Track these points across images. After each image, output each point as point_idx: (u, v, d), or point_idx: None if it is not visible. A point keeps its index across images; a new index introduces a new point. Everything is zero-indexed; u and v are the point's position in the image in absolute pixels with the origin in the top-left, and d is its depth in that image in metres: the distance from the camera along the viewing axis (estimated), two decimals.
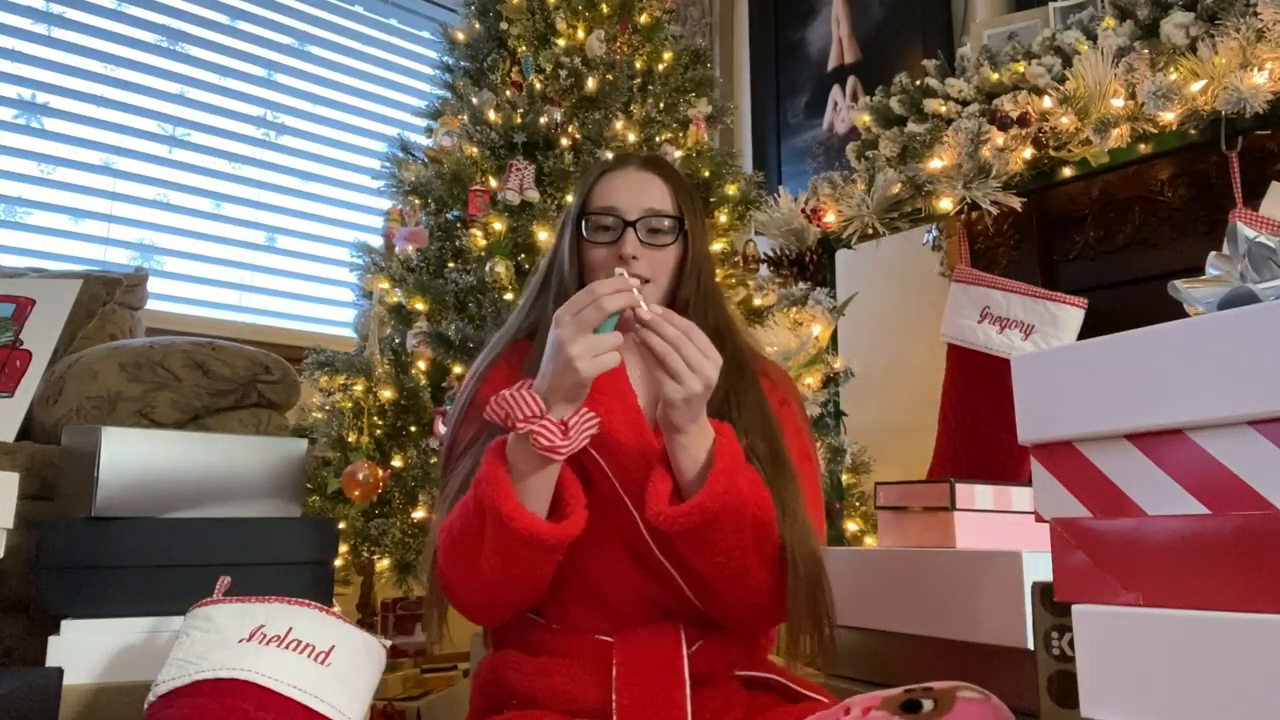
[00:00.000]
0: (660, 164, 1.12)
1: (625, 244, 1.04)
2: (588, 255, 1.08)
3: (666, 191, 1.08)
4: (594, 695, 0.92)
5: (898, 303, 2.80)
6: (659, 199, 1.07)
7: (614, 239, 1.05)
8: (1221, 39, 1.62)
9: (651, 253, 1.05)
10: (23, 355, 1.79)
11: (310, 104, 3.01)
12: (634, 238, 1.04)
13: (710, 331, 1.03)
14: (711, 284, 1.12)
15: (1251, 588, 0.52)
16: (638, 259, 1.04)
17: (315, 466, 1.91)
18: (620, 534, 0.98)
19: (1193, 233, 1.93)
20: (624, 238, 1.04)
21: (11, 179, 2.44)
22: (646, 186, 1.08)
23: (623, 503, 0.97)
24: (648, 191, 1.08)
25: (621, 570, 0.98)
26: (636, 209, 1.06)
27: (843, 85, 3.27)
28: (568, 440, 0.86)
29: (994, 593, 1.09)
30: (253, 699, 0.89)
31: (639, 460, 0.97)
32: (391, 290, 2.09)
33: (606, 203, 1.07)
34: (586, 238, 1.07)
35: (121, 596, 1.17)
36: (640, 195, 1.07)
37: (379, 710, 1.79)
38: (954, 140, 1.95)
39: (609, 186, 1.08)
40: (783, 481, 0.98)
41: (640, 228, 1.05)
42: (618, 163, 1.12)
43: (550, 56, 2.22)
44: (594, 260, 1.07)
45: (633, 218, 1.05)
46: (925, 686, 0.77)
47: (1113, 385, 0.60)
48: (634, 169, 1.10)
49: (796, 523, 0.96)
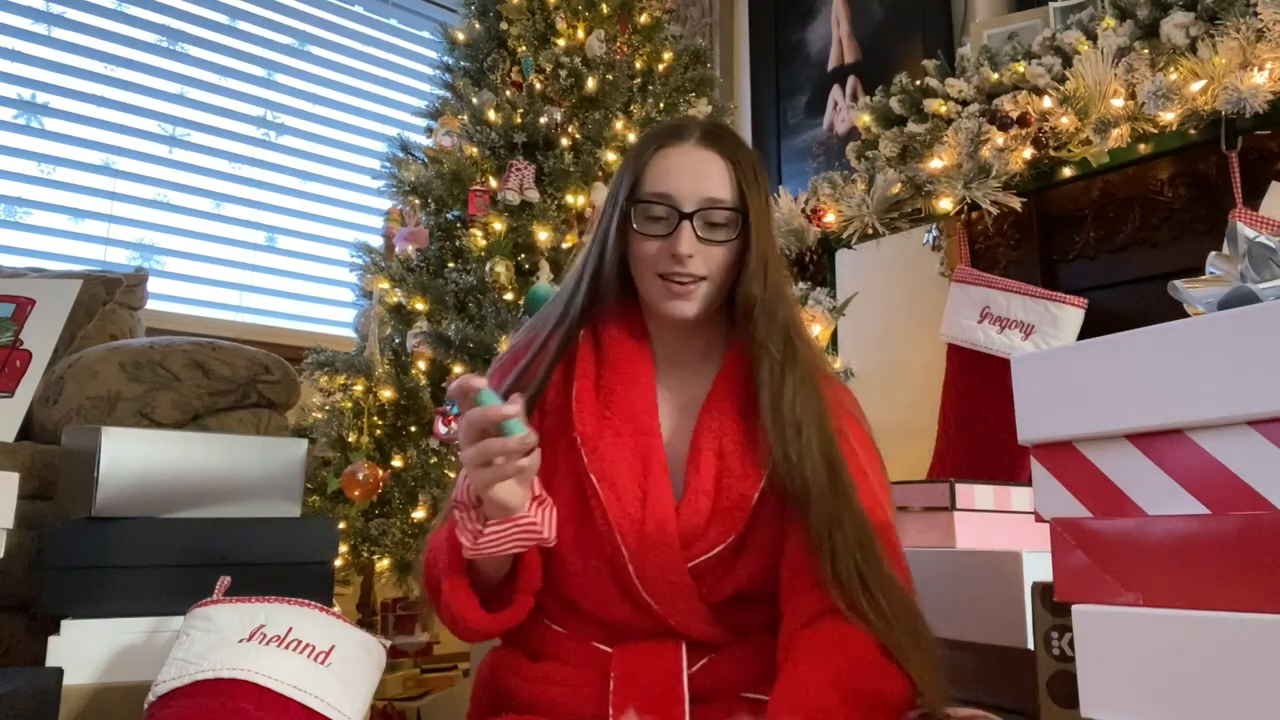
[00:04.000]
0: (723, 138, 0.98)
1: (680, 242, 0.93)
2: (636, 247, 0.96)
3: (728, 176, 0.95)
4: (590, 709, 0.90)
5: (898, 303, 2.79)
6: (719, 185, 0.95)
7: (668, 231, 0.94)
8: (1221, 39, 1.62)
9: (708, 249, 0.94)
10: (23, 355, 1.79)
11: (310, 104, 3.01)
12: (690, 233, 0.93)
13: (780, 334, 0.94)
14: (780, 280, 0.98)
15: (1251, 588, 0.52)
16: (694, 257, 0.94)
17: (315, 466, 1.91)
18: (610, 570, 0.92)
19: (1193, 233, 1.93)
20: (679, 233, 0.93)
21: (11, 179, 2.44)
22: (706, 168, 0.95)
23: (613, 537, 0.91)
24: (708, 175, 0.95)
25: (614, 603, 0.93)
26: (694, 198, 0.94)
27: (843, 85, 3.27)
28: (474, 548, 0.85)
29: (994, 593, 1.09)
30: (253, 699, 0.89)
31: (638, 495, 0.92)
32: (391, 290, 2.09)
33: (660, 188, 0.95)
34: (636, 228, 0.95)
35: (121, 596, 1.17)
36: (699, 179, 0.94)
37: (379, 710, 1.79)
38: (954, 140, 1.95)
39: (664, 167, 0.96)
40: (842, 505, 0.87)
41: (698, 220, 0.93)
42: (675, 135, 0.98)
43: (550, 56, 2.22)
44: (644, 253, 0.96)
45: (689, 209, 0.94)
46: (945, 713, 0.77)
47: (1113, 385, 0.60)
48: (692, 144, 0.97)
49: (873, 560, 0.85)
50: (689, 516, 0.92)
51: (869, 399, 1.11)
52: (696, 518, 0.92)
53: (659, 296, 0.96)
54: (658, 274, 0.95)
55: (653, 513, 0.92)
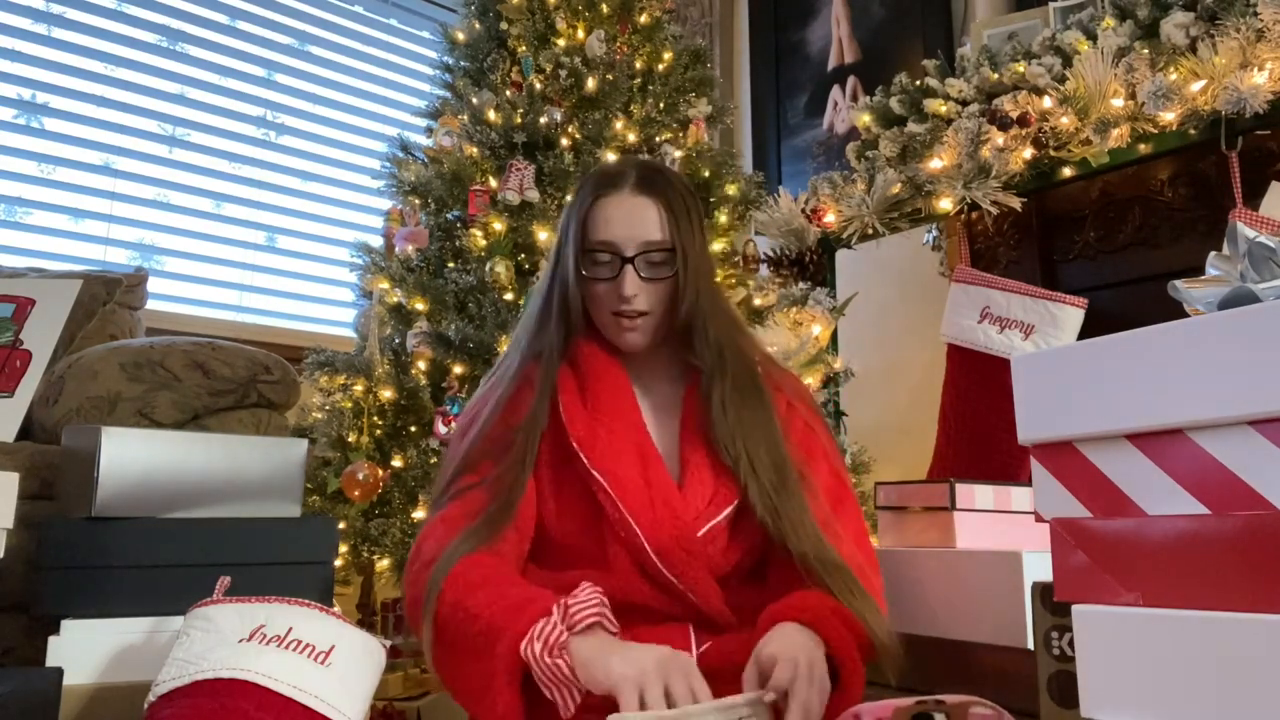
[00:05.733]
0: (654, 182, 1.10)
1: (625, 284, 1.06)
2: (589, 288, 1.10)
3: (661, 219, 1.08)
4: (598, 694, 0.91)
5: (898, 303, 2.79)
6: (654, 228, 1.08)
7: (613, 274, 1.07)
8: (1221, 39, 1.62)
9: (651, 286, 1.08)
10: (23, 355, 1.79)
11: (310, 104, 3.01)
12: (633, 276, 1.06)
13: (712, 350, 1.08)
14: (710, 301, 1.11)
15: (1251, 588, 0.52)
16: (638, 295, 1.06)
17: (315, 466, 1.91)
18: (630, 554, 1.00)
19: (1193, 233, 1.93)
20: (623, 276, 1.07)
21: (11, 179, 2.44)
22: (643, 215, 1.08)
23: (629, 524, 0.99)
24: (644, 221, 1.08)
25: (634, 588, 1.00)
26: (633, 244, 1.07)
27: (843, 85, 3.27)
28: None
29: (994, 593, 1.09)
30: (253, 699, 0.89)
31: (642, 483, 1.00)
32: (391, 290, 2.09)
33: (603, 236, 1.08)
34: (586, 274, 1.09)
35: (121, 596, 1.17)
36: (635, 227, 1.07)
37: (379, 710, 1.78)
38: (954, 140, 1.95)
39: (605, 216, 1.09)
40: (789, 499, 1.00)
41: (639, 264, 1.07)
42: (611, 184, 1.11)
43: (550, 56, 2.22)
44: (596, 294, 1.09)
45: (630, 254, 1.07)
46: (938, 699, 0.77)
47: (1113, 385, 0.60)
48: (629, 192, 1.09)
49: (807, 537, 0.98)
50: (694, 489, 1.03)
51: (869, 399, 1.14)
52: (701, 487, 1.03)
53: (613, 331, 1.10)
54: (610, 311, 1.09)
55: (658, 492, 1.01)
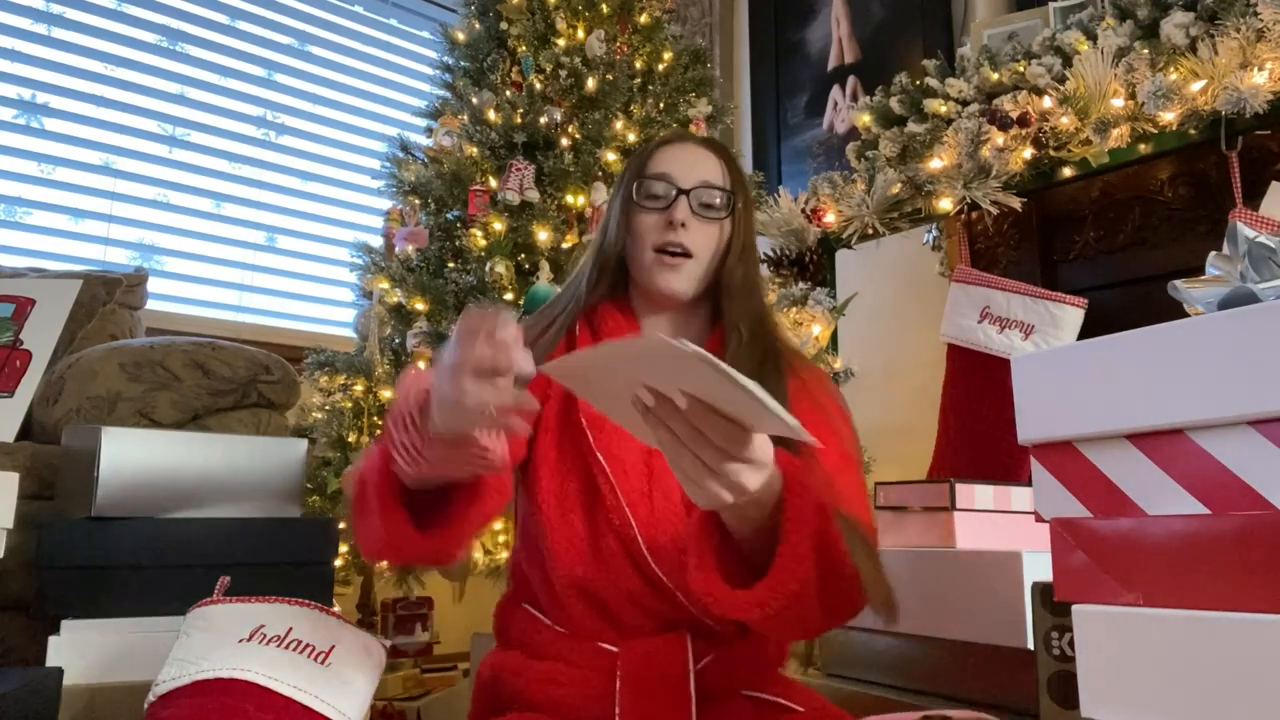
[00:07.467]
0: (718, 144, 1.11)
1: (676, 210, 1.02)
2: (636, 221, 1.05)
3: (722, 169, 1.06)
4: (596, 709, 0.89)
5: (898, 303, 2.79)
6: (714, 172, 1.06)
7: (665, 205, 1.03)
8: (1221, 39, 1.61)
9: (702, 225, 1.03)
10: (23, 355, 1.79)
11: (310, 104, 3.01)
12: (686, 205, 1.02)
13: (751, 320, 1.03)
14: (756, 272, 1.08)
15: (1251, 588, 0.52)
16: (686, 226, 1.02)
17: (315, 466, 1.91)
18: (621, 543, 0.94)
19: (1193, 233, 1.93)
20: (675, 204, 1.02)
21: (11, 179, 2.44)
22: (703, 160, 1.06)
23: (623, 511, 0.94)
24: (704, 164, 1.06)
25: (622, 580, 0.94)
26: (691, 179, 1.04)
27: (843, 85, 3.27)
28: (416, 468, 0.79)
29: (994, 593, 1.09)
30: (253, 699, 0.89)
31: (645, 471, 0.96)
32: (391, 290, 2.09)
33: (661, 169, 1.05)
34: (636, 201, 1.05)
35: (121, 596, 1.17)
36: (695, 166, 1.05)
37: (379, 710, 1.79)
38: (954, 140, 1.95)
39: (666, 155, 1.07)
40: None
41: (693, 198, 1.03)
42: (675, 137, 1.11)
43: (550, 56, 2.22)
44: (642, 226, 1.04)
45: (687, 186, 1.03)
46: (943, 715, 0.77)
47: (1113, 385, 0.60)
48: (692, 144, 1.09)
49: None
50: None
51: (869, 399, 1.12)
52: None
53: (652, 271, 1.03)
54: (653, 247, 1.03)
55: (659, 484, 0.96)
